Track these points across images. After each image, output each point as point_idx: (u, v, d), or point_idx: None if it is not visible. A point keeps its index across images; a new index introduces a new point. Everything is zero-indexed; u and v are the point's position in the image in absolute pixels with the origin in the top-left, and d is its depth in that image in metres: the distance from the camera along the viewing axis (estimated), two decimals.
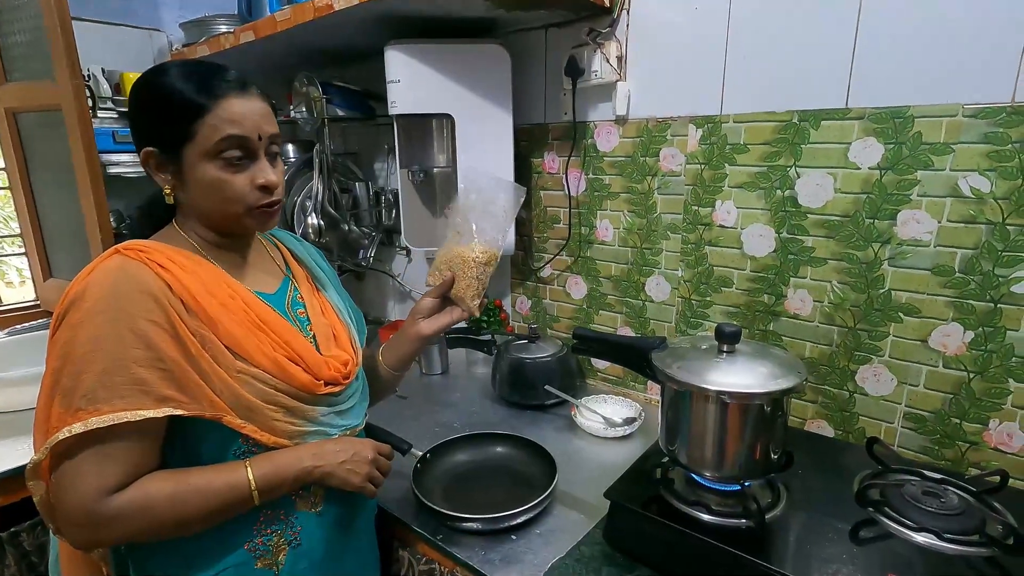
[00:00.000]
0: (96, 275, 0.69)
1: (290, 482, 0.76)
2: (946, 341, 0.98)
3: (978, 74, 0.89)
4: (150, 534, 0.72)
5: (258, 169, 0.76)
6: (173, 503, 0.70)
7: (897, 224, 0.99)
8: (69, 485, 0.67)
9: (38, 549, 1.20)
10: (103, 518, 0.67)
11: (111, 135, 1.68)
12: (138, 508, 0.68)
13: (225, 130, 0.72)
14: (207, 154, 0.73)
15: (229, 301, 0.75)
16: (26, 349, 1.56)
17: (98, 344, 0.66)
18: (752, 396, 0.79)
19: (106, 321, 0.67)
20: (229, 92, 0.73)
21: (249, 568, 0.77)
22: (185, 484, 0.71)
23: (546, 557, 0.88)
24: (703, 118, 1.18)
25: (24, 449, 1.20)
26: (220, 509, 0.72)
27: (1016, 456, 0.95)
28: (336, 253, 1.84)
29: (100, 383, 0.66)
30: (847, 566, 0.73)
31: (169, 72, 0.75)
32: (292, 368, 0.77)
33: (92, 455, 0.67)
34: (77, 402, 0.65)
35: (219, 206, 0.76)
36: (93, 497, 0.67)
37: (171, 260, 0.73)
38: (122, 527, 0.69)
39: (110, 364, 0.66)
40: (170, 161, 0.75)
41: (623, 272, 1.39)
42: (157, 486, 0.70)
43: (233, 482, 0.72)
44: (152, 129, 0.75)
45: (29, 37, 1.53)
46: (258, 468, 0.74)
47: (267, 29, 1.40)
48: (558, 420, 1.33)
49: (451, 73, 1.33)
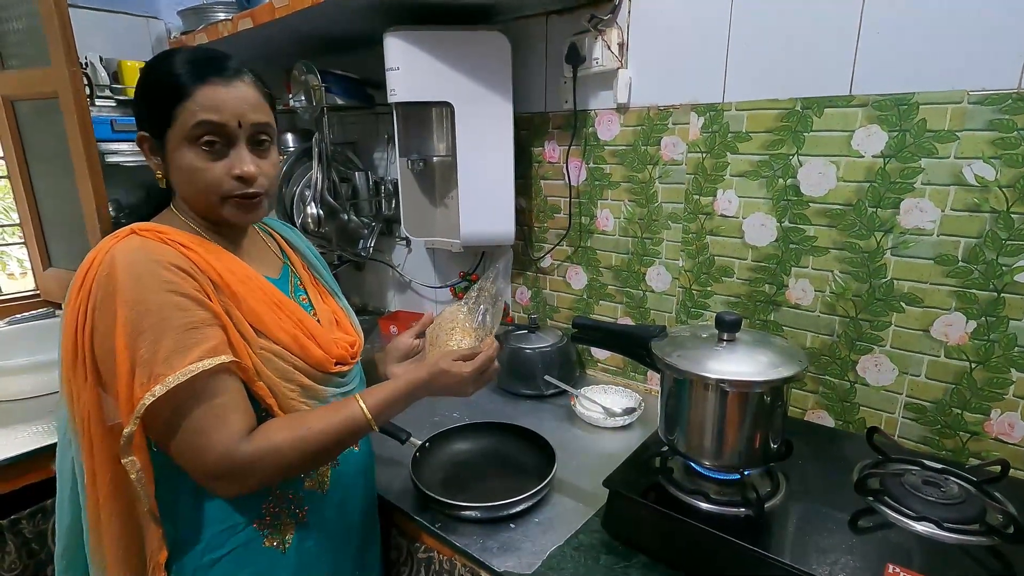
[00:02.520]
0: (120, 254, 0.69)
1: (400, 409, 0.82)
2: (948, 331, 0.98)
3: (984, 60, 0.88)
4: (282, 476, 0.75)
5: (236, 158, 0.75)
6: (298, 446, 0.72)
7: (900, 213, 0.98)
8: (202, 443, 0.69)
9: (38, 536, 1.20)
10: (243, 464, 0.70)
11: (109, 124, 1.67)
12: (269, 452, 0.71)
13: (200, 116, 0.72)
14: (185, 139, 0.73)
15: (247, 280, 0.77)
16: (26, 338, 1.56)
17: (163, 312, 0.67)
18: (752, 384, 0.79)
19: (160, 292, 0.68)
20: (213, 78, 0.73)
21: (257, 545, 0.79)
22: (306, 426, 0.74)
23: (544, 545, 0.88)
24: (705, 106, 1.17)
25: (22, 437, 1.19)
26: (341, 442, 0.77)
27: (1017, 446, 0.95)
28: (335, 243, 1.83)
29: (177, 346, 0.67)
30: (846, 555, 0.73)
31: (168, 59, 0.75)
32: (308, 344, 0.80)
33: (205, 411, 0.69)
34: (159, 368, 0.66)
35: (197, 193, 0.77)
36: (230, 446, 0.69)
37: (190, 241, 0.74)
38: (261, 471, 0.71)
39: (180, 328, 0.68)
40: (158, 146, 0.76)
41: (623, 262, 1.38)
42: (279, 432, 0.72)
43: (350, 417, 0.76)
44: (143, 113, 0.77)
45: (26, 24, 1.52)
46: (371, 401, 0.78)
47: (265, 16, 1.39)
48: (558, 410, 1.33)
49: (451, 60, 1.31)
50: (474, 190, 1.40)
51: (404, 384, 0.81)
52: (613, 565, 0.84)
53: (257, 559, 0.78)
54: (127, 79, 1.80)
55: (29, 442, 1.18)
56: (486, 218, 1.43)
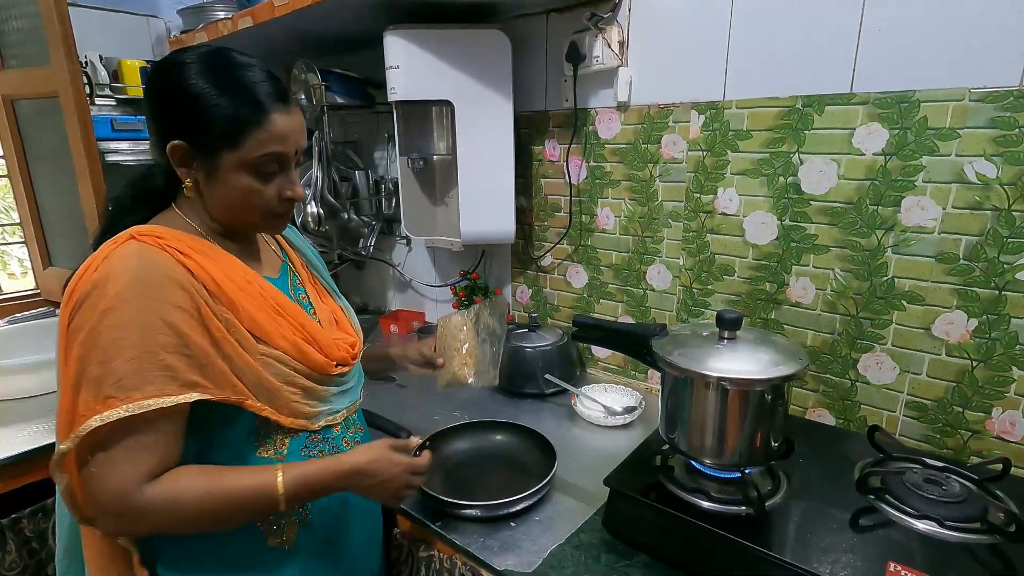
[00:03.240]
0: (115, 261, 0.68)
1: (319, 493, 0.77)
2: (949, 329, 0.97)
3: (985, 57, 0.88)
4: (178, 528, 0.71)
5: (287, 181, 0.77)
6: (202, 501, 0.69)
7: (901, 211, 0.98)
8: (103, 475, 0.66)
9: (39, 536, 1.20)
10: (136, 508, 0.66)
11: (109, 122, 1.67)
12: (168, 503, 0.67)
13: (270, 147, 0.73)
14: (245, 164, 0.73)
15: (247, 286, 0.76)
16: (26, 337, 1.56)
17: (126, 331, 0.65)
18: (752, 383, 0.79)
19: (134, 308, 0.66)
20: (276, 106, 0.73)
21: (261, 545, 0.78)
22: (216, 483, 0.70)
23: (544, 544, 0.88)
24: (705, 104, 1.17)
25: (23, 436, 1.19)
26: (248, 512, 0.73)
27: (1019, 445, 0.94)
28: (336, 242, 1.83)
29: (131, 370, 0.65)
30: (847, 553, 0.72)
31: (215, 70, 0.72)
32: (309, 349, 0.79)
33: (125, 443, 0.66)
34: (107, 389, 0.64)
35: (243, 211, 0.77)
36: (129, 486, 0.66)
37: (189, 246, 0.73)
38: (153, 519, 0.68)
39: (139, 351, 0.65)
40: (201, 160, 0.74)
41: (624, 260, 1.38)
42: (188, 483, 0.69)
43: (263, 487, 0.71)
44: (190, 126, 0.72)
45: (27, 23, 1.52)
46: (290, 475, 0.72)
47: (265, 15, 1.39)
48: (558, 409, 1.33)
49: (451, 59, 1.31)
50: (474, 189, 1.40)
51: (331, 462, 0.76)
52: (614, 564, 0.84)
53: (261, 557, 0.78)
54: (127, 78, 1.80)
55: (30, 441, 1.18)
56: (486, 217, 1.43)
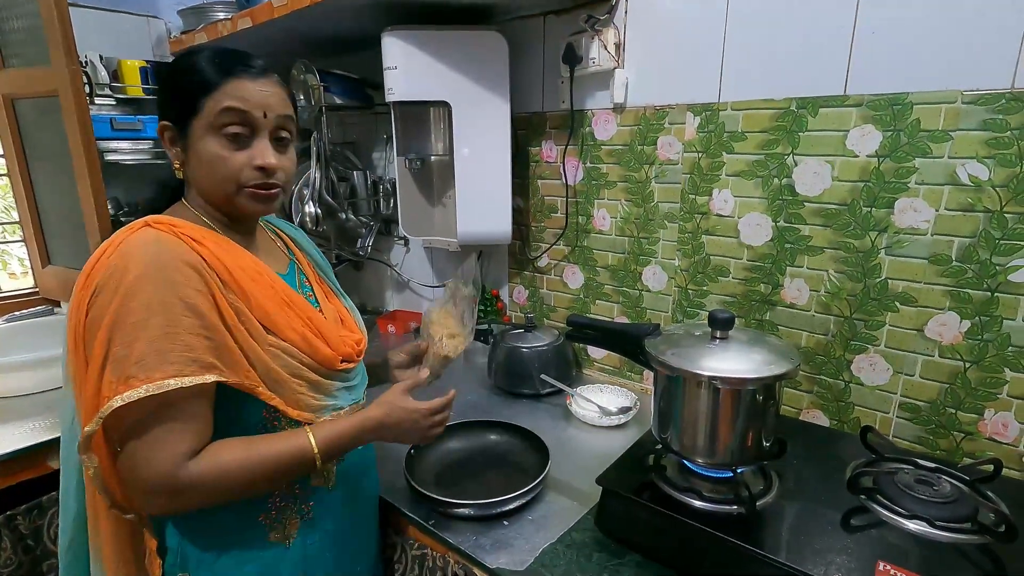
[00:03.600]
0: (131, 246, 0.69)
1: (348, 449, 0.80)
2: (942, 330, 0.98)
3: (978, 60, 0.88)
4: (222, 498, 0.73)
5: (258, 149, 0.76)
6: (245, 469, 0.71)
7: (894, 212, 0.99)
8: (148, 455, 0.67)
9: (34, 533, 1.20)
10: (183, 484, 0.68)
11: (109, 122, 1.68)
12: (214, 474, 0.69)
13: (225, 103, 0.73)
14: (210, 127, 0.73)
15: (257, 277, 0.77)
16: (24, 335, 1.56)
17: (150, 312, 0.66)
18: (744, 382, 0.79)
19: (155, 289, 0.67)
20: (243, 74, 0.74)
21: (262, 541, 0.79)
22: (255, 451, 0.72)
23: (537, 543, 0.88)
24: (701, 106, 1.17)
25: (19, 433, 1.20)
26: (286, 472, 0.75)
27: (1011, 446, 0.95)
28: (334, 242, 1.83)
29: (153, 350, 0.66)
30: (838, 553, 0.73)
31: (197, 53, 0.76)
32: (317, 343, 0.80)
33: (161, 423, 0.67)
34: (130, 369, 0.65)
35: (216, 183, 0.76)
36: (174, 464, 0.67)
37: (202, 235, 0.74)
38: (199, 493, 0.70)
39: (161, 331, 0.66)
40: (179, 136, 0.76)
41: (620, 261, 1.38)
42: (229, 453, 0.71)
43: (298, 449, 0.74)
44: (167, 103, 0.77)
45: (27, 23, 1.53)
46: (320, 435, 0.76)
47: (264, 15, 1.40)
48: (554, 409, 1.33)
49: (448, 60, 1.32)
50: (471, 189, 1.40)
51: (357, 420, 0.80)
52: (605, 563, 0.84)
53: (261, 553, 0.79)
54: (127, 78, 1.80)
55: (26, 438, 1.18)
56: (483, 217, 1.43)
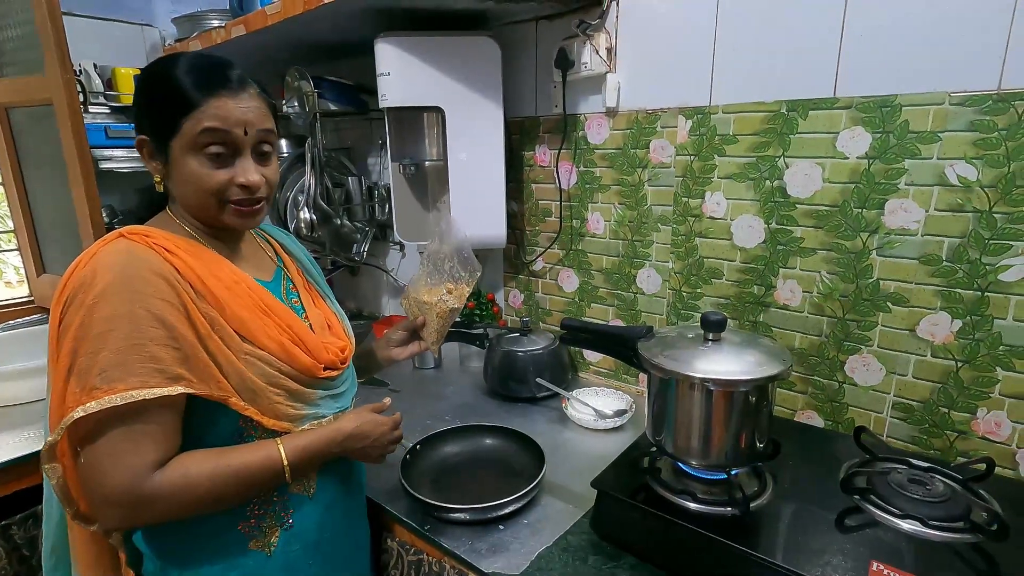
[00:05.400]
0: (103, 257, 0.69)
1: (317, 462, 0.81)
2: (934, 330, 0.98)
3: (965, 62, 0.89)
4: (188, 511, 0.72)
5: (241, 167, 0.76)
6: (212, 481, 0.71)
7: (885, 213, 0.99)
8: (109, 466, 0.67)
9: (29, 542, 1.20)
10: (146, 497, 0.67)
11: (103, 130, 1.68)
12: (180, 486, 0.69)
13: (205, 123, 0.72)
14: (191, 147, 0.73)
15: (234, 285, 0.77)
16: (18, 344, 1.56)
17: (114, 323, 0.66)
18: (736, 383, 0.79)
19: (121, 301, 0.67)
20: (221, 90, 0.73)
21: (242, 549, 0.78)
22: (223, 462, 0.72)
23: (533, 546, 0.88)
24: (692, 109, 1.18)
25: (14, 443, 1.19)
26: (255, 485, 0.75)
27: (1004, 445, 0.95)
28: (329, 248, 1.83)
29: (116, 361, 0.65)
30: (832, 553, 0.73)
31: (172, 64, 0.75)
32: (295, 351, 0.79)
33: (124, 434, 0.67)
34: (93, 380, 0.65)
35: (199, 200, 0.76)
36: (137, 475, 0.67)
37: (176, 245, 0.74)
38: (164, 505, 0.69)
39: (126, 342, 0.66)
40: (159, 152, 0.76)
41: (614, 264, 1.39)
42: (196, 465, 0.70)
43: (267, 460, 0.74)
44: (145, 118, 0.76)
45: (21, 31, 1.53)
46: (289, 446, 0.76)
47: (258, 23, 1.40)
48: (549, 412, 1.33)
49: (441, 66, 1.33)
50: (465, 194, 1.41)
51: (327, 431, 0.80)
52: (601, 566, 0.84)
53: (242, 562, 0.78)
54: (121, 86, 1.81)
55: (21, 447, 1.18)
56: (478, 222, 1.43)
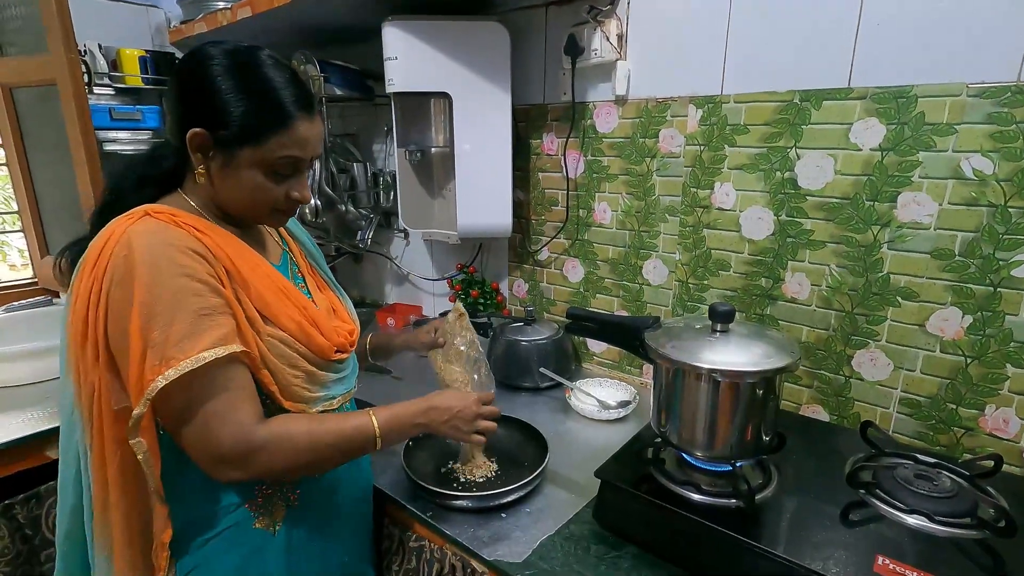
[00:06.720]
0: (136, 236, 0.69)
1: (406, 433, 0.85)
2: (944, 326, 0.97)
3: (983, 53, 0.87)
4: (288, 465, 0.74)
5: (297, 183, 0.80)
6: (310, 437, 0.74)
7: (897, 207, 0.98)
8: (217, 426, 0.70)
9: (32, 522, 1.20)
10: (256, 446, 0.71)
11: (107, 111, 1.67)
12: (283, 438, 0.73)
13: (290, 151, 0.75)
14: (263, 163, 0.75)
15: (256, 267, 0.78)
16: (22, 325, 1.56)
17: (177, 296, 0.68)
18: (743, 375, 0.79)
19: (176, 276, 0.69)
20: (301, 113, 0.75)
21: (247, 527, 0.79)
22: (317, 424, 0.76)
23: (535, 535, 0.88)
24: (703, 98, 1.16)
25: (17, 423, 1.20)
26: (349, 449, 0.79)
27: (1012, 442, 0.94)
28: (333, 234, 1.83)
29: (189, 330, 0.68)
30: (837, 547, 0.72)
31: (249, 68, 0.74)
32: (313, 332, 0.81)
33: (220, 396, 0.70)
34: (170, 351, 0.67)
35: (249, 205, 0.79)
36: (244, 428, 0.70)
37: (203, 226, 0.75)
38: (269, 458, 0.72)
39: (193, 313, 0.68)
40: (219, 150, 0.75)
41: (620, 255, 1.37)
42: (294, 422, 0.75)
43: (361, 426, 0.78)
44: (216, 118, 0.73)
45: (25, 11, 1.52)
46: (382, 416, 0.80)
47: (264, 5, 1.39)
48: (553, 402, 1.33)
49: (449, 50, 1.31)
50: (471, 182, 1.40)
51: (415, 404, 0.84)
52: (603, 555, 0.84)
53: (247, 540, 0.79)
54: (126, 67, 1.79)
55: (24, 428, 1.18)
56: (483, 210, 1.42)
